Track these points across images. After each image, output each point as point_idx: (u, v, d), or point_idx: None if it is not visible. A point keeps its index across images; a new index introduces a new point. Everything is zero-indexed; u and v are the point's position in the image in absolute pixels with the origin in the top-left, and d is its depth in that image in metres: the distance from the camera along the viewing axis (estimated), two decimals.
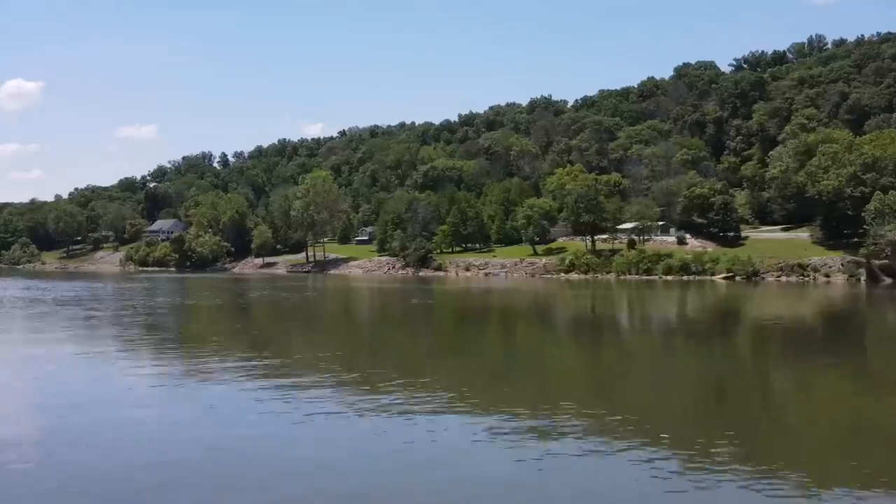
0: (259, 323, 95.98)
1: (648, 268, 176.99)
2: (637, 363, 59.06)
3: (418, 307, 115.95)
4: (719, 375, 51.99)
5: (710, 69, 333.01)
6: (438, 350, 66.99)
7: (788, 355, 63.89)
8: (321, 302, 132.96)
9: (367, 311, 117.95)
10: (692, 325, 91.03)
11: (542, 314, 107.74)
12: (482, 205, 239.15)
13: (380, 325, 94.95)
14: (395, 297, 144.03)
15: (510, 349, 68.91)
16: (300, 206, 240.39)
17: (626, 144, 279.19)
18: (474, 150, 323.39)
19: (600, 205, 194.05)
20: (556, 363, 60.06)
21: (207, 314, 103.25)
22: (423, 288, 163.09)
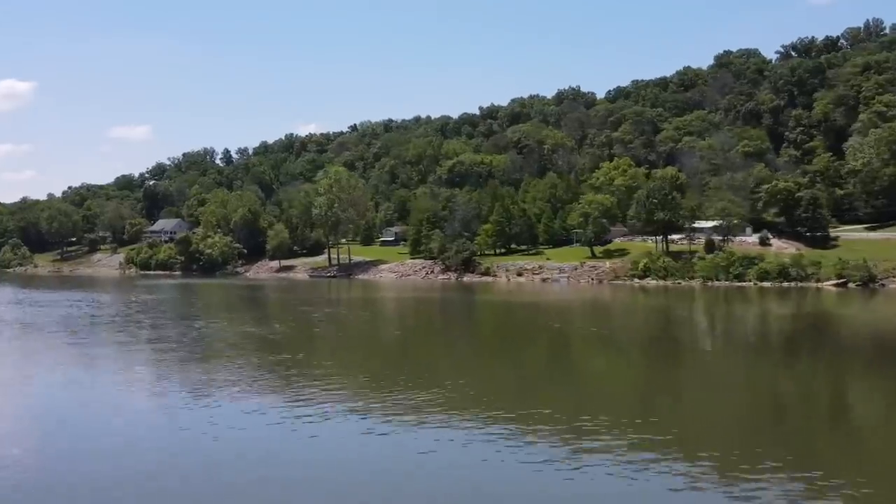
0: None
1: (740, 273, 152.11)
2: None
3: (488, 332, 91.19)
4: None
5: (754, 57, 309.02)
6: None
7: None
8: (384, 325, 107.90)
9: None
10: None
11: (673, 347, 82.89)
12: (523, 202, 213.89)
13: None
14: (448, 311, 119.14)
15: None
16: (323, 202, 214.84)
17: (674, 136, 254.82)
18: (503, 144, 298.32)
19: (675, 200, 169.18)
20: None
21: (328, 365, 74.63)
22: (473, 299, 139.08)
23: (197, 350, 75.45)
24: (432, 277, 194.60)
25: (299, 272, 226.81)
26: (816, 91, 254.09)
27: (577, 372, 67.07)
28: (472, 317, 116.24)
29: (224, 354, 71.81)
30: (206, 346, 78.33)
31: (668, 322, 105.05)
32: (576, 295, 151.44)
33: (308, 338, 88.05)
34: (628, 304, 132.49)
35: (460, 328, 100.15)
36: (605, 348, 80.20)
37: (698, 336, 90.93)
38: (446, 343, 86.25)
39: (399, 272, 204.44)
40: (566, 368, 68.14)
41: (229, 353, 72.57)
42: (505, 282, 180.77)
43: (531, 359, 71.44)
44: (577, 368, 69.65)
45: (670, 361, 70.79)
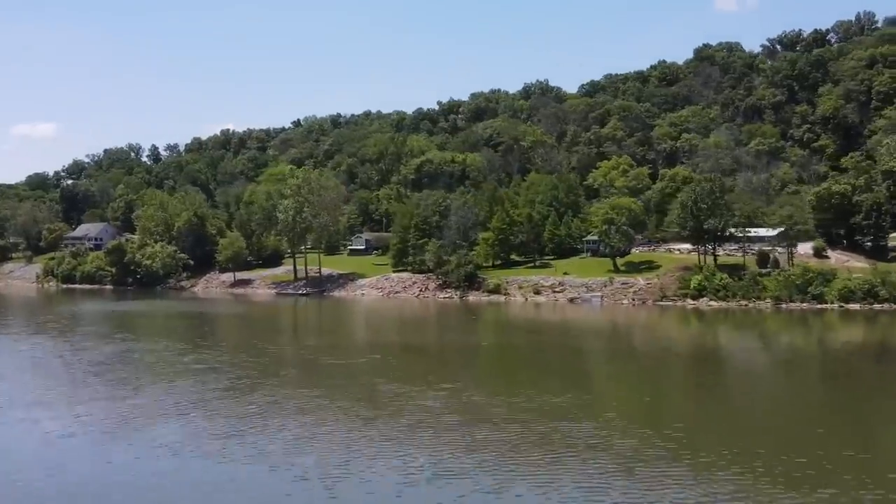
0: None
1: (820, 293, 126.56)
2: None
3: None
4: None
5: (736, 51, 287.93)
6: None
7: None
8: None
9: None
10: None
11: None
12: (519, 206, 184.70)
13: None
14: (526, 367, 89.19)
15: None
16: (290, 206, 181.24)
17: (671, 133, 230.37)
18: (473, 141, 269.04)
19: (726, 205, 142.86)
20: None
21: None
22: (520, 340, 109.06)
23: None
24: (428, 296, 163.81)
25: (259, 288, 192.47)
26: (819, 86, 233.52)
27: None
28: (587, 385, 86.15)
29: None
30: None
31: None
32: (630, 323, 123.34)
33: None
34: (744, 345, 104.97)
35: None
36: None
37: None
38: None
39: (384, 289, 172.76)
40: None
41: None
42: (521, 302, 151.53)
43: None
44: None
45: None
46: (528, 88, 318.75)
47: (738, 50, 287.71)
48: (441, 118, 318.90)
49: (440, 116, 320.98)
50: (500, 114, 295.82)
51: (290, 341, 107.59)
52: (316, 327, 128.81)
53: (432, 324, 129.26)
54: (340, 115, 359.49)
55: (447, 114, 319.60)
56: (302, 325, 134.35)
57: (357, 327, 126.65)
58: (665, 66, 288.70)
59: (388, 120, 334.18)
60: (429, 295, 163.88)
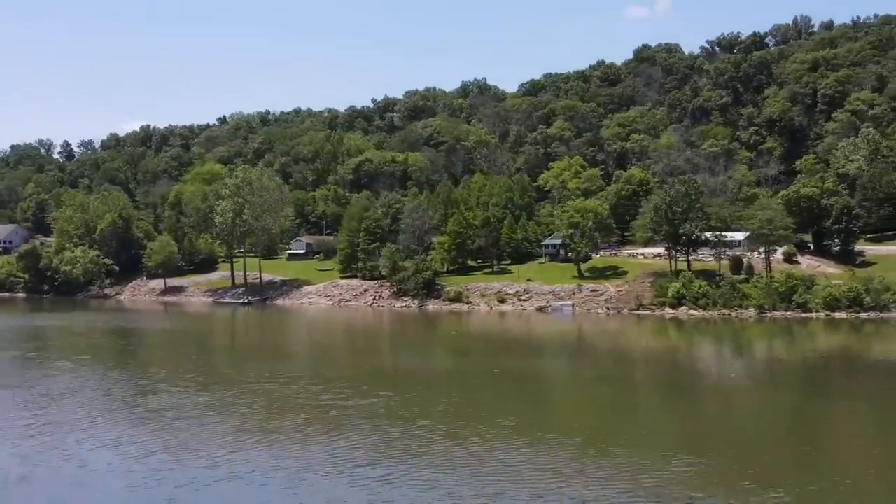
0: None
1: (805, 301, 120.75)
2: None
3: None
4: None
5: (676, 52, 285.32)
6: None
7: None
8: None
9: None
10: None
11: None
12: (471, 209, 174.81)
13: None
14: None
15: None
16: (229, 208, 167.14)
17: (620, 134, 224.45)
18: (412, 140, 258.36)
19: (702, 209, 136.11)
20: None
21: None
22: (503, 363, 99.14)
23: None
24: (383, 305, 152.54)
25: (194, 296, 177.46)
26: (764, 88, 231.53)
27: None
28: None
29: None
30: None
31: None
32: (612, 336, 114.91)
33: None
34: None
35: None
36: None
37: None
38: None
39: (333, 297, 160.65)
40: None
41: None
42: (485, 311, 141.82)
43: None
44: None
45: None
46: (466, 87, 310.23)
47: (678, 51, 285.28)
48: (376, 116, 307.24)
49: (375, 115, 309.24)
50: (439, 112, 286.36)
51: (239, 365, 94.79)
52: (265, 345, 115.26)
53: (399, 340, 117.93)
54: (269, 112, 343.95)
55: (383, 112, 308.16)
56: (247, 343, 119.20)
57: (312, 346, 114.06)
58: (606, 67, 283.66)
59: (321, 118, 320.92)
60: (384, 304, 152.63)
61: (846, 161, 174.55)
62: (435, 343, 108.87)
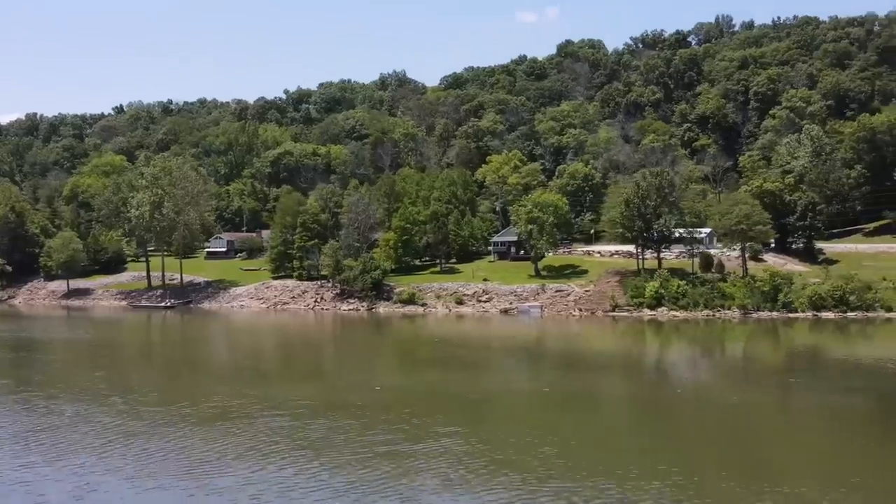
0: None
1: (790, 301, 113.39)
2: None
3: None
4: None
5: (598, 48, 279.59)
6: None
7: None
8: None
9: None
10: None
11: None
12: (414, 203, 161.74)
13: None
14: None
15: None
16: (146, 200, 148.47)
17: (555, 128, 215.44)
18: (334, 133, 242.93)
19: (675, 204, 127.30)
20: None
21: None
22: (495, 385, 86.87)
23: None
24: (326, 308, 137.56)
25: (102, 299, 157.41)
26: (695, 85, 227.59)
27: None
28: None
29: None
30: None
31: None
32: (608, 342, 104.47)
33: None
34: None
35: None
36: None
37: None
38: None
39: (268, 300, 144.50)
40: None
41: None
42: (442, 314, 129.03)
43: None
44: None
45: None
46: (385, 79, 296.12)
47: (602, 47, 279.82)
48: (290, 108, 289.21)
49: (289, 106, 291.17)
50: (358, 105, 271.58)
51: (190, 388, 79.05)
52: (210, 359, 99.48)
53: (375, 349, 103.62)
54: (172, 102, 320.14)
55: (297, 103, 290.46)
56: (184, 358, 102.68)
57: (267, 357, 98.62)
58: (531, 61, 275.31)
59: (228, 109, 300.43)
60: (327, 307, 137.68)
61: (791, 158, 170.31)
62: (423, 352, 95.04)
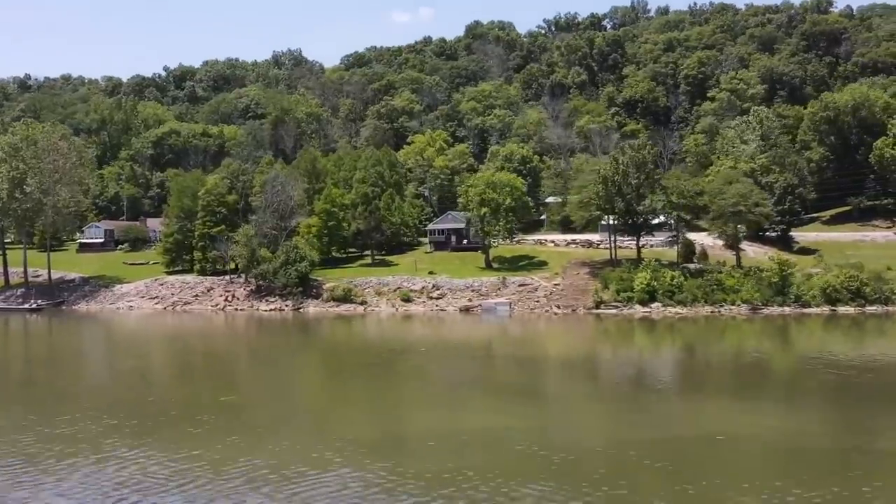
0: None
1: (801, 294, 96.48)
2: None
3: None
4: None
5: (507, 30, 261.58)
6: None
7: None
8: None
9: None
10: None
11: None
12: (336, 185, 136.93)
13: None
14: None
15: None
16: (3, 177, 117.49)
17: (476, 109, 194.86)
18: (226, 112, 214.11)
19: (660, 183, 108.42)
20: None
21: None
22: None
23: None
24: (240, 308, 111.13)
25: None
26: (621, 67, 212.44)
27: None
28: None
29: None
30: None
31: None
32: (621, 351, 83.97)
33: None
34: None
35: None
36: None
37: None
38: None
39: (163, 299, 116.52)
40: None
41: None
42: (388, 313, 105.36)
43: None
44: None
45: None
46: (279, 58, 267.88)
47: (512, 28, 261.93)
48: (171, 86, 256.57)
49: (170, 84, 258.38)
50: (252, 83, 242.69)
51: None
52: (56, 382, 72.07)
53: (298, 365, 78.59)
54: (30, 77, 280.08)
55: (179, 81, 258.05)
56: (29, 379, 73.70)
57: (144, 380, 72.18)
58: (439, 41, 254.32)
59: (98, 86, 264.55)
60: (241, 306, 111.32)
61: (740, 142, 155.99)
62: (403, 369, 70.97)
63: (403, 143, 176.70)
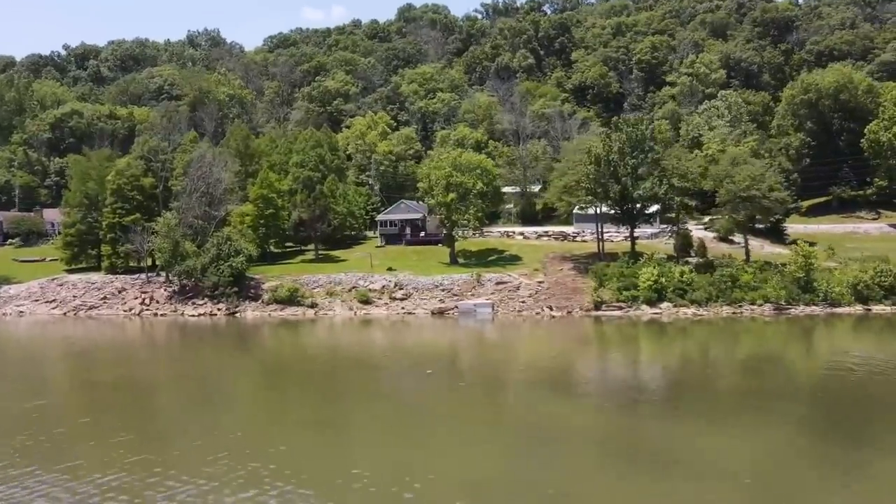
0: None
1: (829, 291, 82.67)
2: None
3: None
4: None
5: (440, 13, 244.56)
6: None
7: None
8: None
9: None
10: None
11: None
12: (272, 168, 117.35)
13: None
14: None
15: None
16: None
17: (418, 92, 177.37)
18: (137, 93, 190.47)
19: (659, 161, 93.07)
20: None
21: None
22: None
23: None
24: (161, 313, 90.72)
25: None
26: (569, 52, 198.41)
27: None
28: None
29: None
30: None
31: None
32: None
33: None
34: None
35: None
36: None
37: None
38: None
39: (63, 302, 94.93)
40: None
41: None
42: (345, 318, 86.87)
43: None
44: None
45: None
46: (194, 37, 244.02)
47: (445, 11, 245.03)
48: (72, 66, 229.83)
49: (70, 64, 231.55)
50: (164, 63, 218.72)
51: None
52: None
53: (253, 400, 59.83)
54: None
55: (82, 61, 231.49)
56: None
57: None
58: (371, 24, 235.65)
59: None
60: (162, 310, 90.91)
61: (708, 127, 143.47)
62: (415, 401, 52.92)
63: (339, 129, 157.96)
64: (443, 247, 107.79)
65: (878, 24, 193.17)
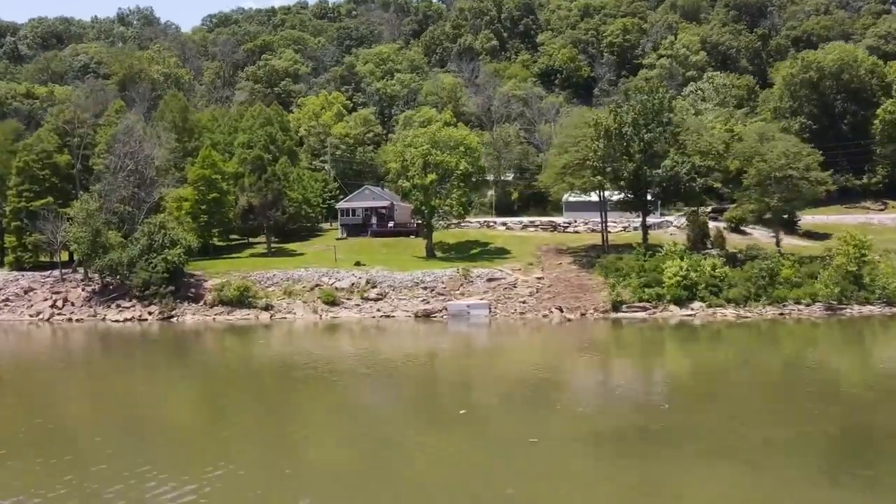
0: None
1: (886, 288, 69.71)
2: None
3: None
4: None
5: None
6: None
7: None
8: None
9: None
10: None
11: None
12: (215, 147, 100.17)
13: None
14: None
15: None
16: None
17: (376, 73, 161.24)
18: (60, 71, 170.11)
19: (678, 137, 79.05)
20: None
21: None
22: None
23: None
24: (76, 317, 73.33)
25: None
26: (534, 34, 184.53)
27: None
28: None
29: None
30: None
31: None
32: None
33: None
34: None
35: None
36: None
37: None
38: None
39: None
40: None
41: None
42: (308, 321, 70.80)
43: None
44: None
45: None
46: (125, 15, 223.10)
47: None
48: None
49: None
50: (92, 40, 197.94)
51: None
52: None
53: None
54: None
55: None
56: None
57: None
58: (322, 3, 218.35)
59: None
60: (78, 315, 73.32)
61: (694, 111, 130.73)
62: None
63: (288, 111, 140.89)
64: (415, 238, 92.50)
65: (853, 11, 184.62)
